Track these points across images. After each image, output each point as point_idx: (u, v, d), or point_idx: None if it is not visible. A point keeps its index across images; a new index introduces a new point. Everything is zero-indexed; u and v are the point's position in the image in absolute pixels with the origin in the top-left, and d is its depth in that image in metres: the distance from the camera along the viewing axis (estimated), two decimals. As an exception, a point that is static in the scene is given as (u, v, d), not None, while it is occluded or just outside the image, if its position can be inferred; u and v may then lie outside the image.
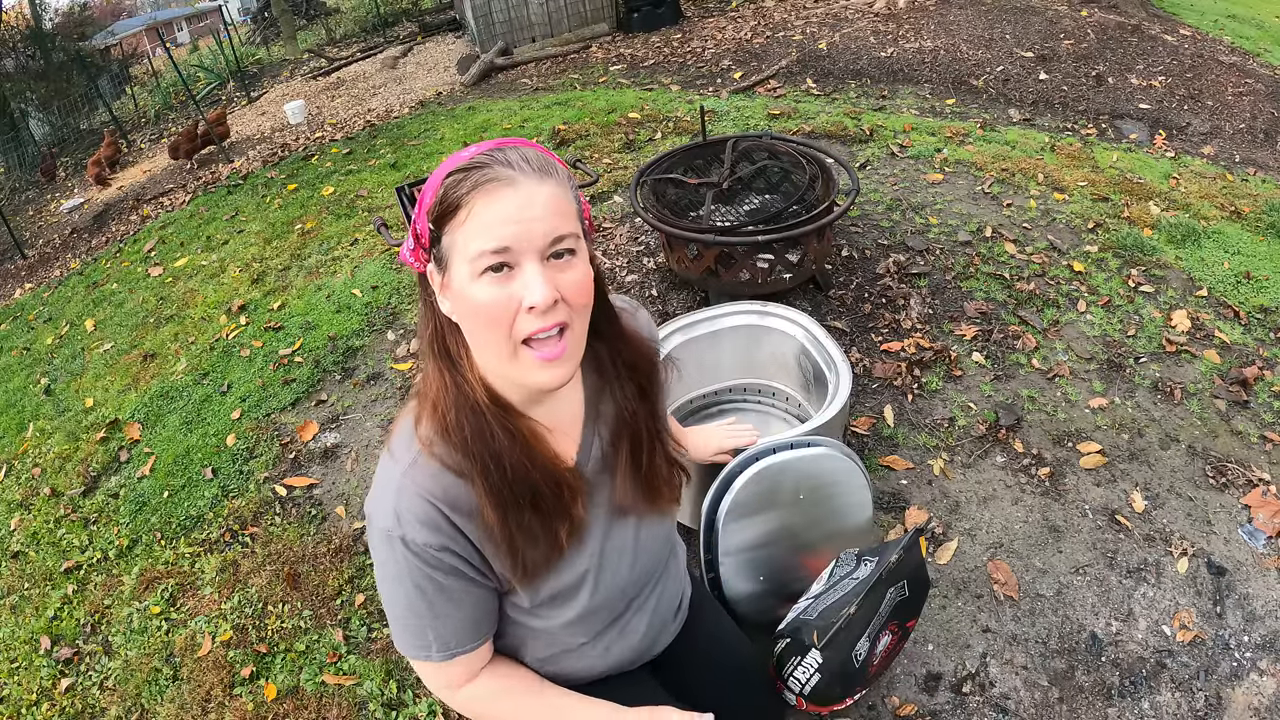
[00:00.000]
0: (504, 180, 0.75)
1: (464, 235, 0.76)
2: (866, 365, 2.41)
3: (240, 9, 21.64)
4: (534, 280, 0.75)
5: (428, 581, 0.85)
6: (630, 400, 0.96)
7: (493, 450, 0.83)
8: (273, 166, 5.53)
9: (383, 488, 0.85)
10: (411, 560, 0.84)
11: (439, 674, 0.93)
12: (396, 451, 0.86)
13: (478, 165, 0.76)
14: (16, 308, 4.74)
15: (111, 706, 1.89)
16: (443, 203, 0.77)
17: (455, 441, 0.83)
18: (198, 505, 2.42)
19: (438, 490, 0.83)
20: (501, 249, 0.75)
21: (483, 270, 0.75)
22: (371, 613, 1.95)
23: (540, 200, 0.76)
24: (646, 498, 0.98)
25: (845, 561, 1.51)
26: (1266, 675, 1.59)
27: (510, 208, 0.75)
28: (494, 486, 0.83)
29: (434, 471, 0.83)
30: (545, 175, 0.77)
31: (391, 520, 0.83)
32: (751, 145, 2.73)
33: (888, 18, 5.99)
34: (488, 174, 0.75)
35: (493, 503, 0.83)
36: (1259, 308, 2.60)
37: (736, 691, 1.24)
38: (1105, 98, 4.62)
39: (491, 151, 0.78)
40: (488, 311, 0.76)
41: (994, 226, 3.02)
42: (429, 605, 0.87)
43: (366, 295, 3.28)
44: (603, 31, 7.64)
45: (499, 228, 0.75)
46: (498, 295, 0.76)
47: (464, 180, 0.76)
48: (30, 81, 10.14)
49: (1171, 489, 1.98)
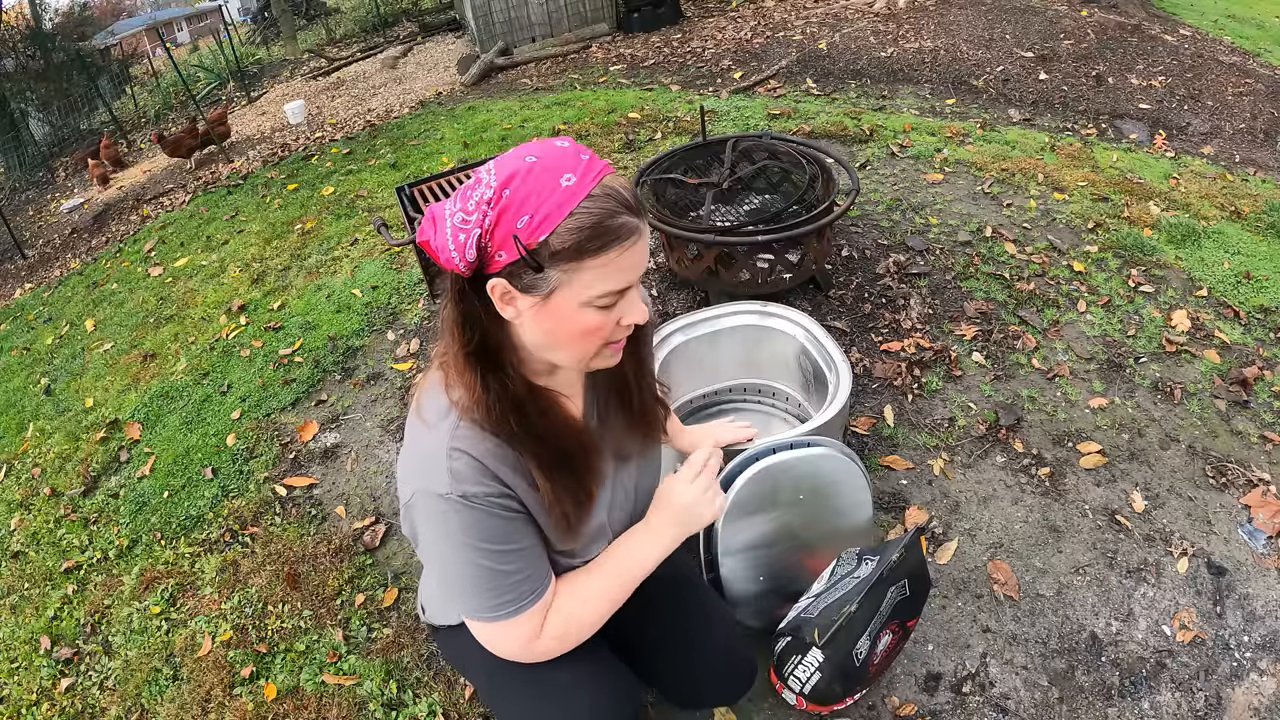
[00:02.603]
0: (638, 234, 0.83)
1: (594, 276, 0.82)
2: (866, 365, 2.41)
3: (240, 9, 21.62)
4: (639, 305, 0.87)
5: (493, 530, 0.90)
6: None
7: (535, 431, 0.91)
8: (273, 166, 5.53)
9: (429, 456, 0.89)
10: (474, 514, 0.88)
11: (516, 631, 0.97)
12: (432, 419, 0.91)
13: (610, 214, 0.80)
14: (16, 308, 4.74)
15: (111, 706, 1.89)
16: (579, 248, 0.80)
17: (502, 432, 0.90)
18: (198, 505, 2.42)
19: (482, 452, 0.89)
20: (626, 288, 0.85)
21: (602, 305, 0.84)
22: (371, 613, 1.95)
23: (648, 242, 0.86)
24: (640, 431, 1.09)
25: (846, 561, 1.51)
26: (1266, 675, 1.59)
27: (639, 256, 0.84)
28: (541, 459, 0.92)
29: (476, 434, 0.89)
30: (641, 215, 0.84)
31: (446, 483, 0.87)
32: (751, 145, 2.73)
33: (888, 18, 5.99)
34: (626, 227, 0.81)
35: (543, 473, 0.92)
36: (1259, 308, 2.60)
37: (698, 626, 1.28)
38: (1105, 98, 4.62)
39: (610, 192, 0.81)
40: (596, 332, 0.86)
41: (994, 226, 3.02)
42: (494, 558, 0.91)
43: (366, 295, 3.28)
44: (603, 31, 7.64)
45: (631, 273, 0.84)
46: (604, 319, 0.85)
47: (606, 232, 0.80)
48: (30, 81, 10.12)
49: (1171, 489, 1.98)
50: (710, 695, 1.32)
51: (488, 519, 0.89)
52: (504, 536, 0.91)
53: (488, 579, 0.92)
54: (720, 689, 1.29)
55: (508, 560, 0.92)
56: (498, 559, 0.91)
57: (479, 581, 0.92)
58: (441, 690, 1.73)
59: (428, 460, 0.89)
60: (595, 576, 1.04)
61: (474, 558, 0.90)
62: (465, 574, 0.92)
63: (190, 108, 8.86)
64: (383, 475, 2.37)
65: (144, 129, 9.69)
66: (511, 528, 0.92)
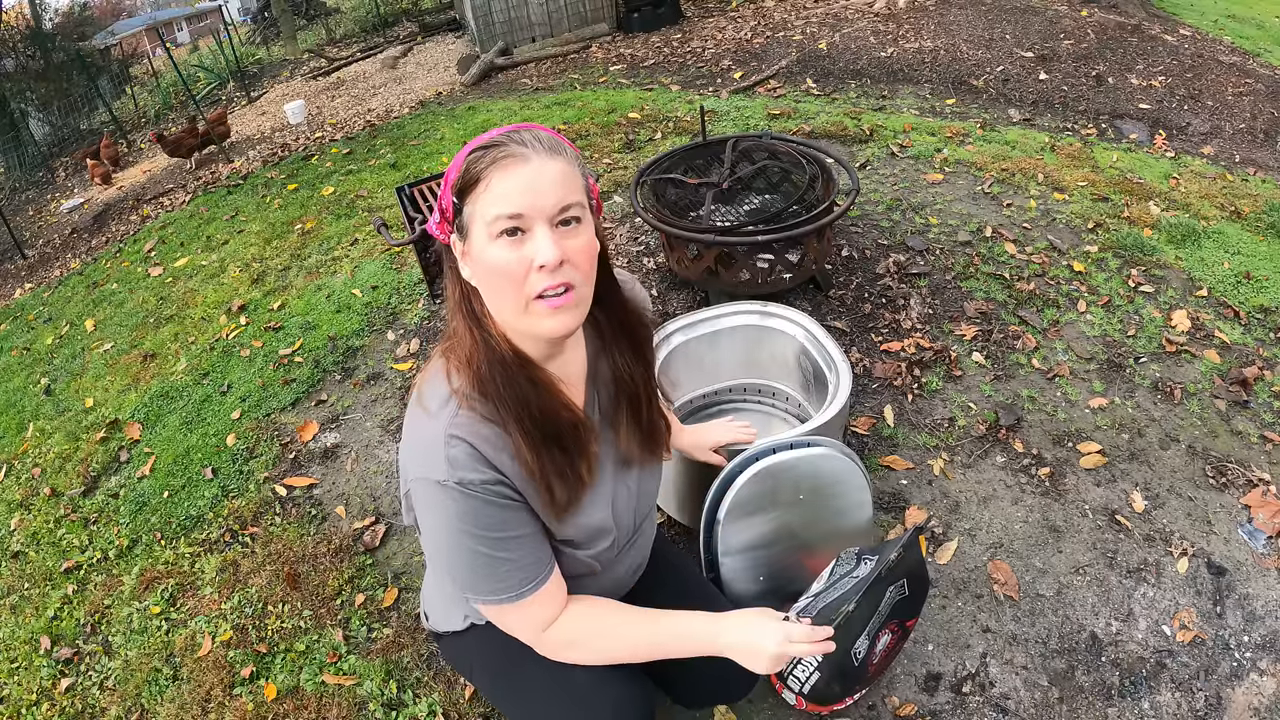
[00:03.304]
0: (519, 156, 0.86)
1: (483, 204, 0.86)
2: (866, 365, 2.41)
3: (240, 9, 21.63)
4: (544, 242, 0.86)
5: (489, 518, 0.92)
6: (628, 362, 1.07)
7: (521, 396, 0.93)
8: (273, 166, 5.53)
9: (427, 443, 0.92)
10: (471, 501, 0.91)
11: (523, 617, 1.01)
12: (432, 406, 0.94)
13: (496, 144, 0.87)
14: (16, 308, 4.74)
15: (111, 706, 1.89)
16: (465, 176, 0.88)
17: (490, 391, 0.92)
18: (198, 505, 2.42)
19: (479, 439, 0.91)
20: (516, 214, 0.85)
21: (499, 233, 0.86)
22: (371, 613, 1.95)
23: (550, 173, 0.86)
24: (648, 447, 1.11)
25: (845, 560, 1.51)
26: (1266, 675, 1.59)
27: (523, 179, 0.85)
28: (526, 429, 0.93)
29: (474, 421, 0.92)
30: (555, 153, 0.88)
31: (444, 470, 0.90)
32: (751, 145, 2.73)
33: (888, 18, 5.99)
34: (505, 150, 0.86)
35: (527, 444, 0.93)
36: (1259, 308, 2.60)
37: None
38: (1105, 98, 4.62)
39: (509, 133, 0.89)
40: (504, 270, 0.87)
41: (994, 226, 3.03)
42: (491, 545, 0.94)
43: (366, 295, 3.28)
44: (603, 31, 7.64)
45: (514, 196, 0.85)
46: (512, 256, 0.86)
47: (484, 156, 0.87)
48: (30, 81, 10.12)
49: (1171, 489, 1.98)
50: (711, 694, 1.32)
51: (485, 507, 0.91)
52: (500, 524, 0.93)
53: (486, 565, 0.95)
54: (721, 687, 1.29)
55: (505, 548, 0.94)
56: (495, 546, 0.94)
57: (477, 568, 0.95)
58: (441, 690, 1.73)
59: (427, 447, 0.92)
60: (631, 627, 1.05)
61: (472, 544, 0.93)
62: (464, 560, 0.95)
63: (190, 108, 8.86)
64: (383, 475, 2.37)
65: (144, 129, 9.69)
66: (507, 516, 0.94)
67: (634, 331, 1.08)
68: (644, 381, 1.09)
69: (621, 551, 1.16)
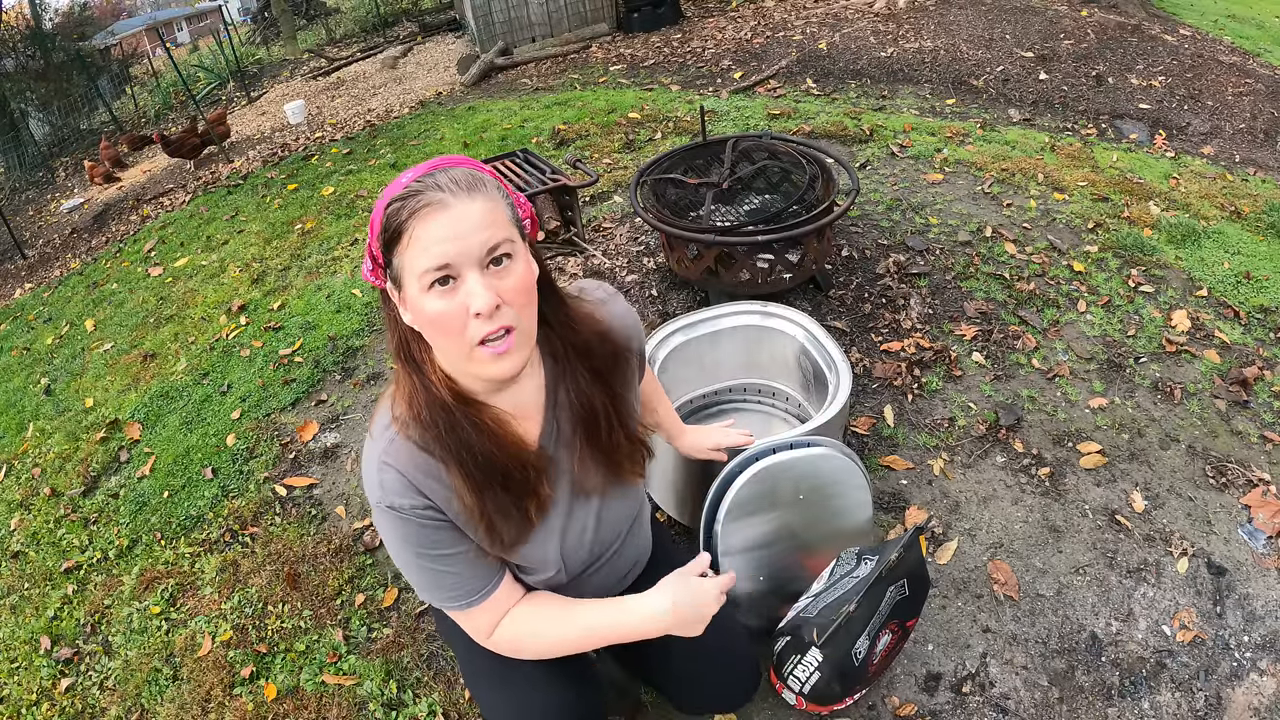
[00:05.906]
0: (437, 203, 0.83)
1: (410, 257, 0.84)
2: (866, 365, 2.41)
3: (240, 9, 21.62)
4: (476, 289, 0.84)
5: (424, 538, 0.96)
6: (585, 383, 1.03)
7: (463, 440, 0.93)
8: (273, 166, 5.53)
9: (367, 465, 0.96)
10: (405, 522, 0.94)
11: (469, 621, 1.05)
12: (375, 432, 0.97)
13: (412, 193, 0.84)
14: (16, 308, 4.74)
15: (111, 706, 1.89)
16: (386, 230, 0.85)
17: (431, 435, 0.93)
18: (198, 505, 2.42)
19: (410, 466, 0.93)
20: (442, 265, 0.83)
21: (430, 285, 0.84)
22: (371, 613, 1.95)
23: (472, 217, 0.84)
24: (609, 473, 1.07)
25: (846, 560, 1.51)
26: (1266, 675, 1.59)
27: (445, 227, 0.83)
28: (468, 471, 0.94)
29: (408, 450, 0.93)
30: (473, 192, 0.85)
31: (379, 491, 0.93)
32: (751, 145, 2.73)
33: (888, 18, 5.99)
34: (421, 199, 0.83)
35: (468, 486, 0.94)
36: (1259, 308, 2.60)
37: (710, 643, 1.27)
38: (1105, 98, 4.62)
39: (422, 177, 0.86)
40: (441, 321, 0.85)
41: (994, 226, 3.02)
42: (433, 560, 0.98)
43: (366, 295, 3.28)
44: (603, 31, 7.64)
45: (437, 247, 0.83)
46: (447, 306, 0.85)
47: (402, 208, 0.84)
48: (30, 81, 10.12)
49: (1171, 489, 1.98)
50: (712, 700, 1.32)
51: (419, 529, 0.95)
52: (434, 544, 0.97)
53: (431, 578, 1.00)
54: (723, 694, 1.28)
55: (446, 563, 0.98)
56: (436, 561, 0.98)
57: (424, 579, 1.00)
58: (441, 690, 1.73)
59: (366, 469, 0.96)
60: (561, 622, 1.06)
61: (415, 560, 0.98)
62: (413, 571, 1.00)
63: (190, 108, 8.86)
64: (383, 475, 2.37)
65: (144, 129, 9.68)
66: (440, 536, 0.96)
67: (590, 349, 1.03)
68: (605, 404, 1.04)
69: (579, 578, 1.14)
